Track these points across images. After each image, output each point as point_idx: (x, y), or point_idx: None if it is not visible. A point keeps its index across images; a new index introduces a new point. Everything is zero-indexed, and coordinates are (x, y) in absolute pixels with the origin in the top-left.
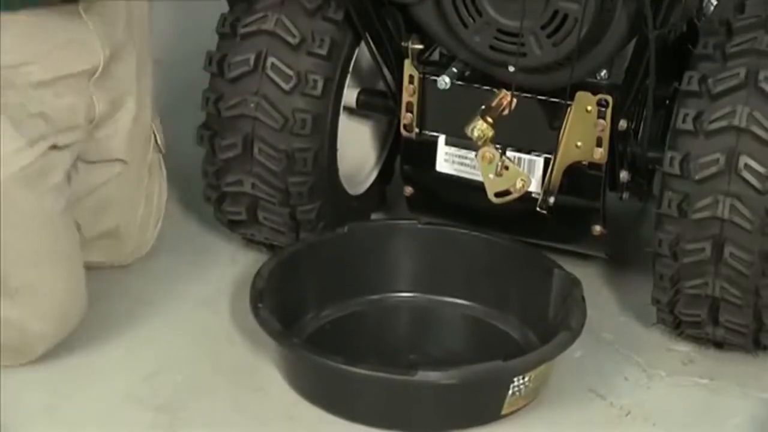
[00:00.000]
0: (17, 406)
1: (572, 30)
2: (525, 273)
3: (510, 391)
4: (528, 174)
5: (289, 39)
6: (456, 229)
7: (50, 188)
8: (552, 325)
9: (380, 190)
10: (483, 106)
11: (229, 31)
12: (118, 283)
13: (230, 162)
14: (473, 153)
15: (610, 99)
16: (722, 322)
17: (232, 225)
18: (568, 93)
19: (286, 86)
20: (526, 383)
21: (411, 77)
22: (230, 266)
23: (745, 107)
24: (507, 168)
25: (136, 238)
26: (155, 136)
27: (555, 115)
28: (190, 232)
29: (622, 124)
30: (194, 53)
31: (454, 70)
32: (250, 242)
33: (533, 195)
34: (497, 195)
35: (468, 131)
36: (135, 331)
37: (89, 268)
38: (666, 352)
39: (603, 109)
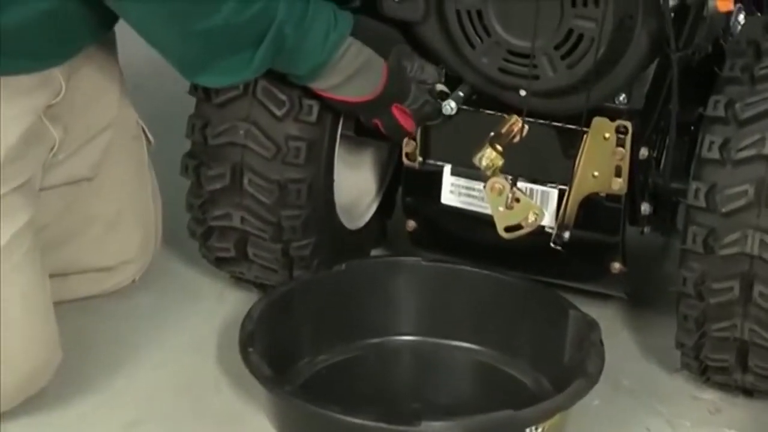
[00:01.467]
0: None
1: (588, 50)
2: (538, 314)
3: None
4: (541, 207)
5: None
6: (463, 267)
7: (14, 234)
8: (567, 371)
9: (380, 225)
10: (492, 133)
11: None
12: (95, 324)
13: (217, 194)
14: (481, 184)
15: (629, 125)
16: (752, 368)
17: (220, 262)
18: (584, 119)
19: (278, 112)
20: None
21: None
22: (217, 307)
23: None
24: (518, 200)
25: (139, 261)
26: (144, 133)
27: (570, 143)
28: (173, 269)
29: (643, 152)
30: (179, 76)
31: (461, 94)
32: (239, 281)
33: (547, 229)
34: (507, 229)
35: (476, 160)
36: (113, 377)
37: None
38: (691, 401)
39: (622, 136)
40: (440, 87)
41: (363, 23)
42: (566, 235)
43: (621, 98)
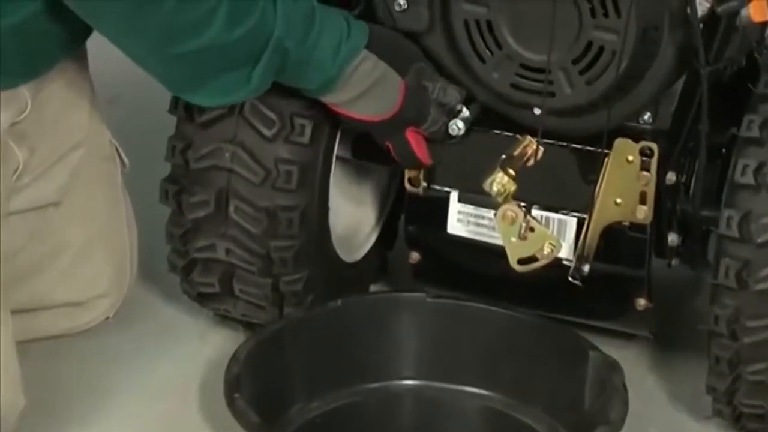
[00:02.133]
0: None
1: (609, 65)
2: (554, 356)
3: None
4: (557, 237)
5: None
6: (471, 304)
7: None
8: (587, 419)
9: (380, 257)
10: (503, 156)
11: None
12: (64, 366)
13: (200, 223)
14: (492, 212)
15: (655, 147)
16: None
17: (203, 298)
18: (605, 140)
19: (267, 132)
20: None
21: None
22: (200, 348)
23: None
24: (532, 230)
25: (112, 296)
26: (118, 154)
27: (590, 167)
28: (151, 306)
29: (670, 176)
30: (158, 90)
31: (469, 112)
32: (224, 319)
33: (564, 262)
34: (521, 262)
35: (486, 186)
36: (84, 426)
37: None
38: None
39: (647, 159)
40: (464, 113)
41: (380, 35)
42: (586, 268)
43: (646, 117)
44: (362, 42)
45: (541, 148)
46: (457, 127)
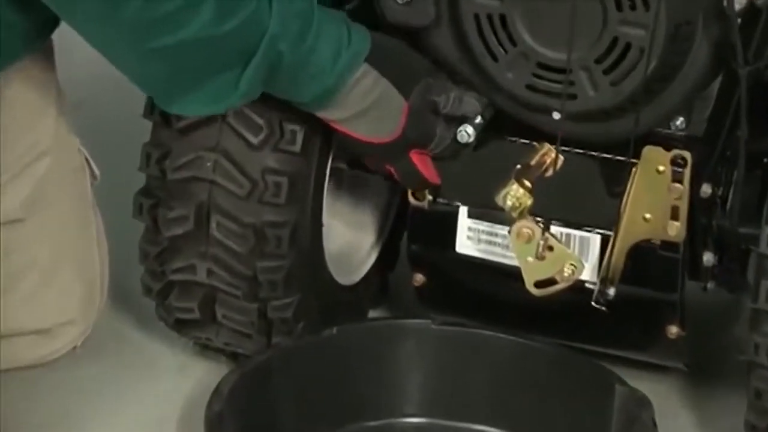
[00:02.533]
0: None
1: (637, 63)
2: (576, 390)
3: None
4: (579, 257)
5: None
6: (482, 331)
7: None
8: None
9: (381, 279)
10: (518, 166)
11: None
12: (28, 401)
13: (179, 241)
14: (505, 229)
15: (688, 156)
16: None
17: (181, 326)
18: (632, 148)
19: (253, 139)
20: None
21: None
22: (178, 381)
23: None
24: (551, 249)
25: (81, 323)
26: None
27: (615, 178)
28: (123, 334)
29: (705, 189)
30: (130, 92)
31: (480, 117)
32: (205, 349)
33: (587, 285)
34: (538, 285)
35: (499, 199)
36: None
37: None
38: None
39: (679, 169)
40: (475, 118)
41: (382, 44)
42: (611, 291)
43: (678, 123)
44: (364, 50)
45: (561, 157)
46: (467, 133)
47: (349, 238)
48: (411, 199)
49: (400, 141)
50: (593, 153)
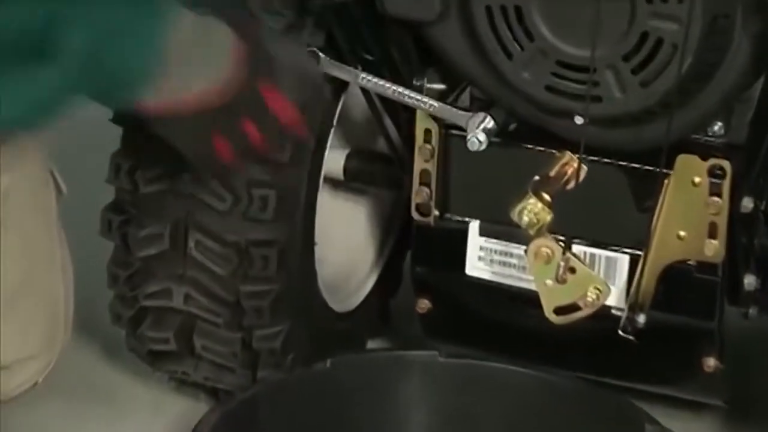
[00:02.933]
0: None
1: (669, 62)
2: (601, 429)
3: None
4: (605, 280)
5: None
6: (495, 365)
7: None
8: None
9: (381, 306)
10: (536, 177)
11: None
12: None
13: (152, 262)
14: (522, 248)
15: (727, 166)
16: None
17: (155, 358)
18: (664, 157)
19: None
20: None
21: (427, 133)
22: (152, 420)
23: None
24: (573, 270)
25: (44, 356)
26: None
27: (645, 191)
28: (89, 368)
29: (746, 203)
30: None
31: (493, 122)
32: (183, 384)
33: (613, 312)
34: (559, 312)
35: (514, 215)
36: None
37: None
38: None
39: (718, 181)
40: (487, 122)
41: None
42: (641, 319)
43: (715, 128)
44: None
45: (584, 167)
46: (478, 140)
47: (345, 259)
48: (415, 214)
49: (238, 74)
50: (620, 162)
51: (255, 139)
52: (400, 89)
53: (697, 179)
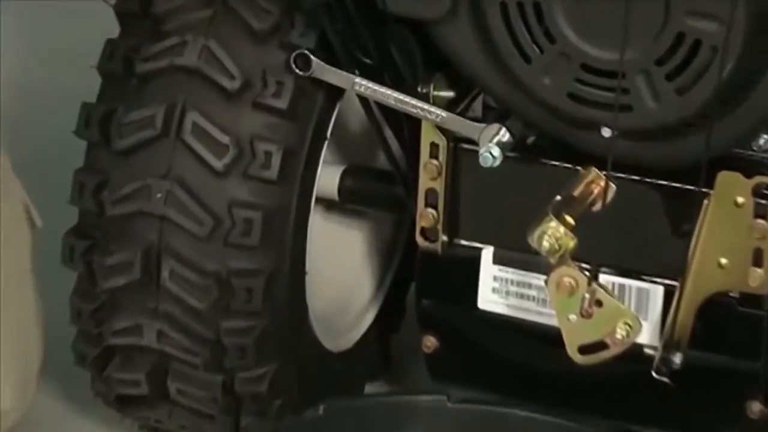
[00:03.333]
0: None
1: (709, 66)
2: None
3: None
4: (636, 314)
5: (224, 82)
6: (511, 410)
7: None
8: None
9: (381, 344)
10: (558, 197)
11: (119, 68)
12: None
13: (120, 294)
14: (541, 278)
15: None
16: None
17: (124, 404)
18: (703, 175)
19: (217, 162)
20: None
21: (434, 147)
22: None
23: None
24: (600, 304)
25: (17, 409)
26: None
27: (682, 213)
28: (49, 415)
29: None
30: (56, 102)
31: (508, 134)
32: None
33: (646, 350)
34: (583, 351)
35: (533, 240)
36: None
37: None
38: None
39: (763, 201)
40: (501, 134)
41: None
42: (677, 359)
43: (761, 142)
44: None
45: (612, 186)
46: (492, 155)
47: (341, 291)
48: (420, 239)
49: None
50: (653, 181)
51: None
52: (403, 97)
53: (740, 199)
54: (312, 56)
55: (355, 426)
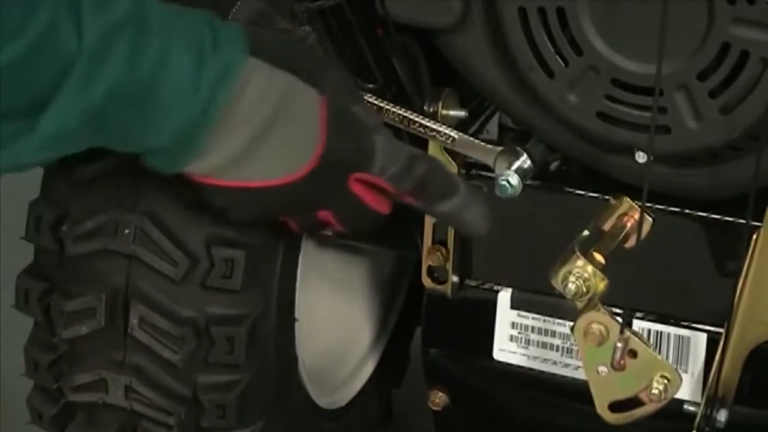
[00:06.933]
0: None
1: (758, 82)
2: None
3: None
4: (675, 366)
5: None
6: None
7: None
8: None
9: (381, 400)
10: (585, 232)
11: None
12: None
13: (82, 344)
14: (567, 324)
15: None
16: None
17: None
18: (751, 205)
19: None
20: None
21: None
22: None
23: None
24: (634, 354)
25: None
26: None
27: (728, 249)
28: None
29: None
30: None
31: (527, 160)
32: None
33: (686, 407)
34: (615, 408)
35: (557, 281)
36: None
37: None
38: None
39: None
40: (521, 160)
41: (265, 39)
42: (722, 417)
43: None
44: (240, 52)
45: (648, 219)
46: (510, 183)
47: (335, 339)
48: (427, 280)
49: (325, 163)
50: (695, 213)
51: (334, 226)
52: (408, 115)
53: None
54: None
55: None
